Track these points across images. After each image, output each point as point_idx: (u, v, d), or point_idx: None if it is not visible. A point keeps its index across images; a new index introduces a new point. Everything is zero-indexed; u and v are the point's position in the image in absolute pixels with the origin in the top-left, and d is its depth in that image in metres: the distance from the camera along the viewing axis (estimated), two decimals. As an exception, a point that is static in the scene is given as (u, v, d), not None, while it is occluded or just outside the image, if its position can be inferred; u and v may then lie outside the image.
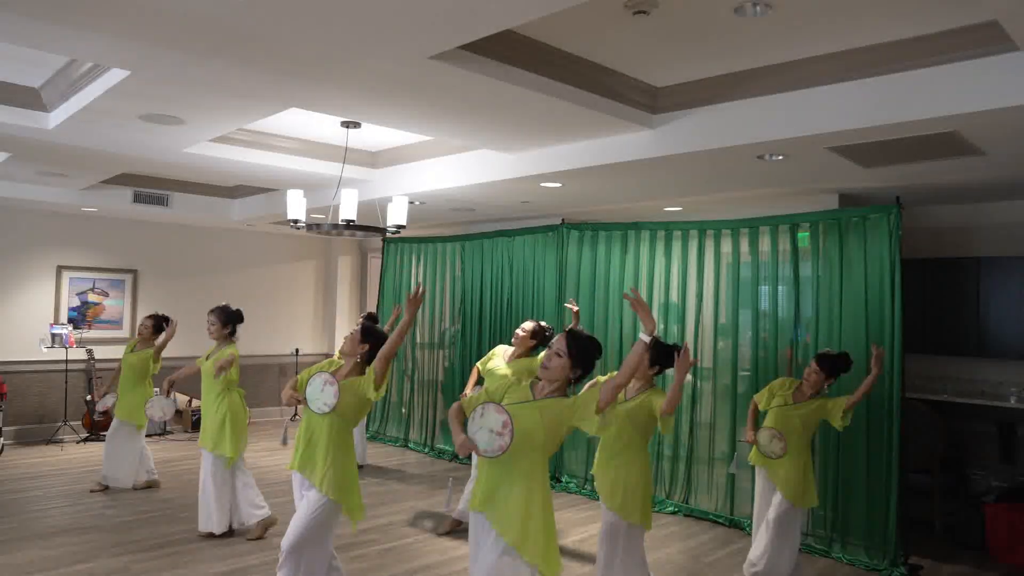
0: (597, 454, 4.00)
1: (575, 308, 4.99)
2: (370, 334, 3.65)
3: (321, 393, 3.48)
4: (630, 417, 3.79)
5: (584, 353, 2.89)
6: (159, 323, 6.32)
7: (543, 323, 5.20)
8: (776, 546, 4.26)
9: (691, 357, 3.68)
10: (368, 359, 3.62)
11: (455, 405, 3.03)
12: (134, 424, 6.13)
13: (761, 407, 4.51)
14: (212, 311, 5.23)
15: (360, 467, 7.24)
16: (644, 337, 2.81)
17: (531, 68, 3.71)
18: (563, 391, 2.92)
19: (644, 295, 6.36)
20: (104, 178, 6.83)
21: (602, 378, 3.79)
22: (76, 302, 8.46)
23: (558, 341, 2.91)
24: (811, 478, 4.36)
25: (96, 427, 8.08)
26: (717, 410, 5.93)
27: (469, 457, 7.43)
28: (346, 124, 5.07)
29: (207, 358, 5.19)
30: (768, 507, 4.40)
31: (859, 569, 4.84)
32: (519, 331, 5.11)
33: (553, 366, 2.87)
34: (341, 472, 3.53)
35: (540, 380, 2.96)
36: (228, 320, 5.19)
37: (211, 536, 4.96)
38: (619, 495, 3.78)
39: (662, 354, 3.77)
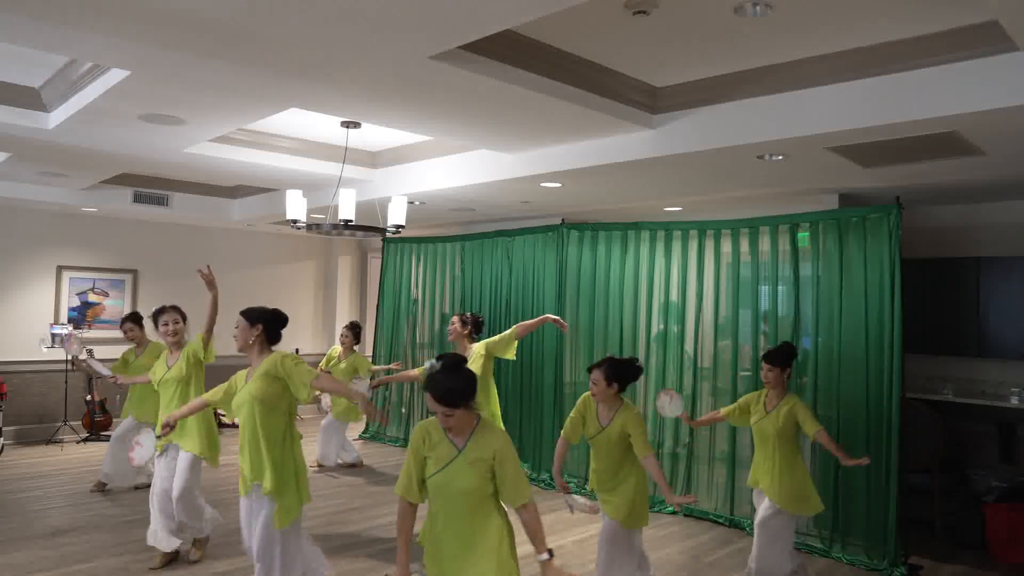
0: (595, 484, 3.92)
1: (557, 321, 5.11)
2: (255, 315, 3.61)
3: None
4: (615, 445, 3.78)
5: (450, 393, 2.54)
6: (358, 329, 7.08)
7: (466, 315, 5.41)
8: (763, 548, 4.21)
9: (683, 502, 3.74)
10: (269, 339, 3.64)
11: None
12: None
13: (731, 422, 4.51)
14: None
15: (352, 466, 7.25)
16: (542, 557, 2.57)
17: (531, 68, 3.71)
18: (474, 417, 2.65)
19: (644, 295, 6.38)
20: (104, 178, 6.83)
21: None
22: (76, 302, 8.46)
23: (429, 399, 2.57)
24: (805, 483, 4.20)
25: (96, 427, 8.08)
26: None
27: None
28: (346, 124, 5.07)
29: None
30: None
31: (859, 569, 4.84)
32: (452, 328, 5.35)
33: (455, 420, 2.58)
34: (281, 470, 3.47)
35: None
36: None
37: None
38: (625, 510, 3.80)
39: (619, 371, 3.77)
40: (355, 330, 7.12)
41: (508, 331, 5.04)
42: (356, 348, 7.20)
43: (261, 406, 3.46)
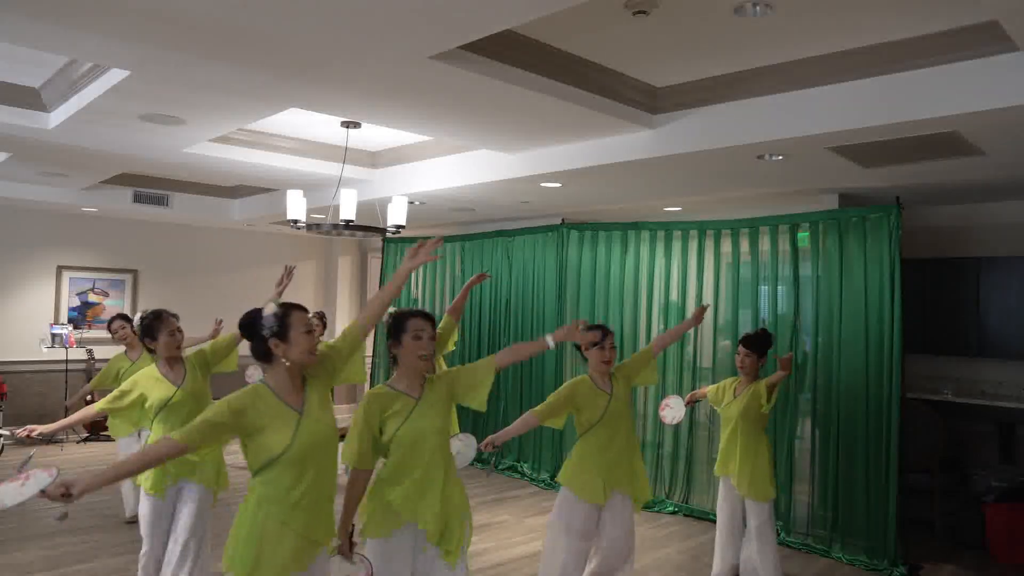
0: (623, 472, 3.63)
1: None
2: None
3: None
4: (627, 406, 3.71)
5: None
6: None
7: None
8: (764, 552, 4.14)
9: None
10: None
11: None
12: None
13: (710, 400, 4.49)
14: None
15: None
16: (549, 341, 2.85)
17: (531, 68, 3.71)
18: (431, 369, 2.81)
19: (644, 295, 6.37)
20: (104, 178, 6.83)
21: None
22: (76, 302, 8.46)
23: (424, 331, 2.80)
24: (767, 469, 4.16)
25: (96, 428, 8.08)
26: (716, 410, 5.92)
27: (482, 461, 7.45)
28: (346, 124, 5.07)
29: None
30: (733, 514, 4.30)
31: (859, 569, 4.84)
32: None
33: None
34: None
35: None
36: None
37: None
38: (648, 486, 3.76)
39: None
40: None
41: (442, 320, 4.57)
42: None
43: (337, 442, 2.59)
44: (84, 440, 8.07)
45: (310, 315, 2.64)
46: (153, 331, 3.62)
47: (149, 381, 3.55)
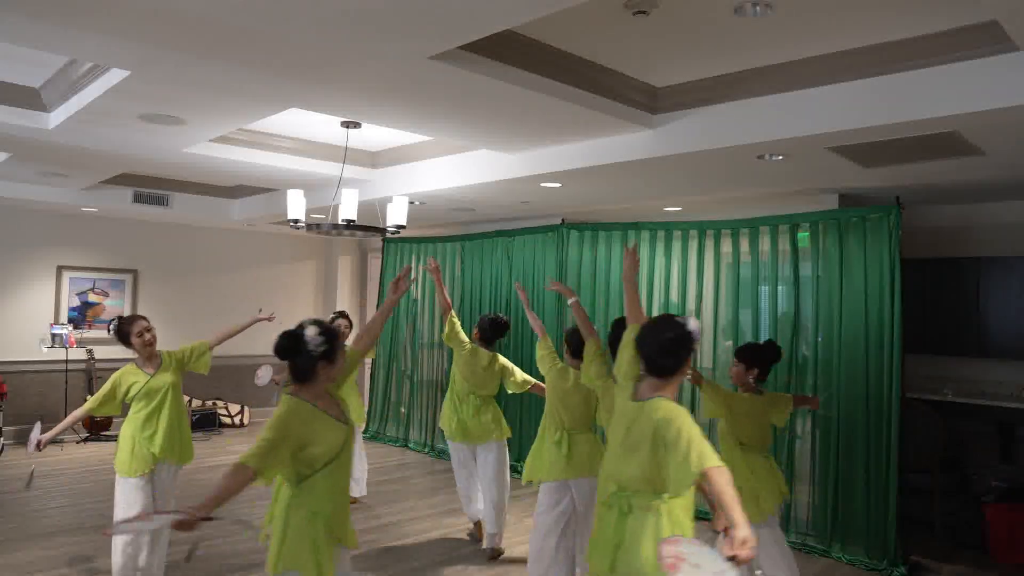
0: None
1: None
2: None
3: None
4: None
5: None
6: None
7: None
8: (776, 567, 3.82)
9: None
10: None
11: None
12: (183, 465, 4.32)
13: None
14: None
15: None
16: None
17: (531, 68, 3.71)
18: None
19: (644, 295, 6.37)
20: (104, 178, 6.83)
21: None
22: (76, 302, 8.46)
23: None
24: (752, 484, 3.72)
25: (96, 427, 8.09)
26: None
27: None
28: (346, 124, 5.07)
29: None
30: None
31: (859, 569, 4.84)
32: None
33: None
34: None
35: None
36: None
37: None
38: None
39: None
40: (347, 318, 6.39)
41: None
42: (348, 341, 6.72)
43: None
44: (84, 440, 8.07)
45: (332, 315, 2.61)
46: (323, 352, 2.67)
47: (306, 424, 2.61)
